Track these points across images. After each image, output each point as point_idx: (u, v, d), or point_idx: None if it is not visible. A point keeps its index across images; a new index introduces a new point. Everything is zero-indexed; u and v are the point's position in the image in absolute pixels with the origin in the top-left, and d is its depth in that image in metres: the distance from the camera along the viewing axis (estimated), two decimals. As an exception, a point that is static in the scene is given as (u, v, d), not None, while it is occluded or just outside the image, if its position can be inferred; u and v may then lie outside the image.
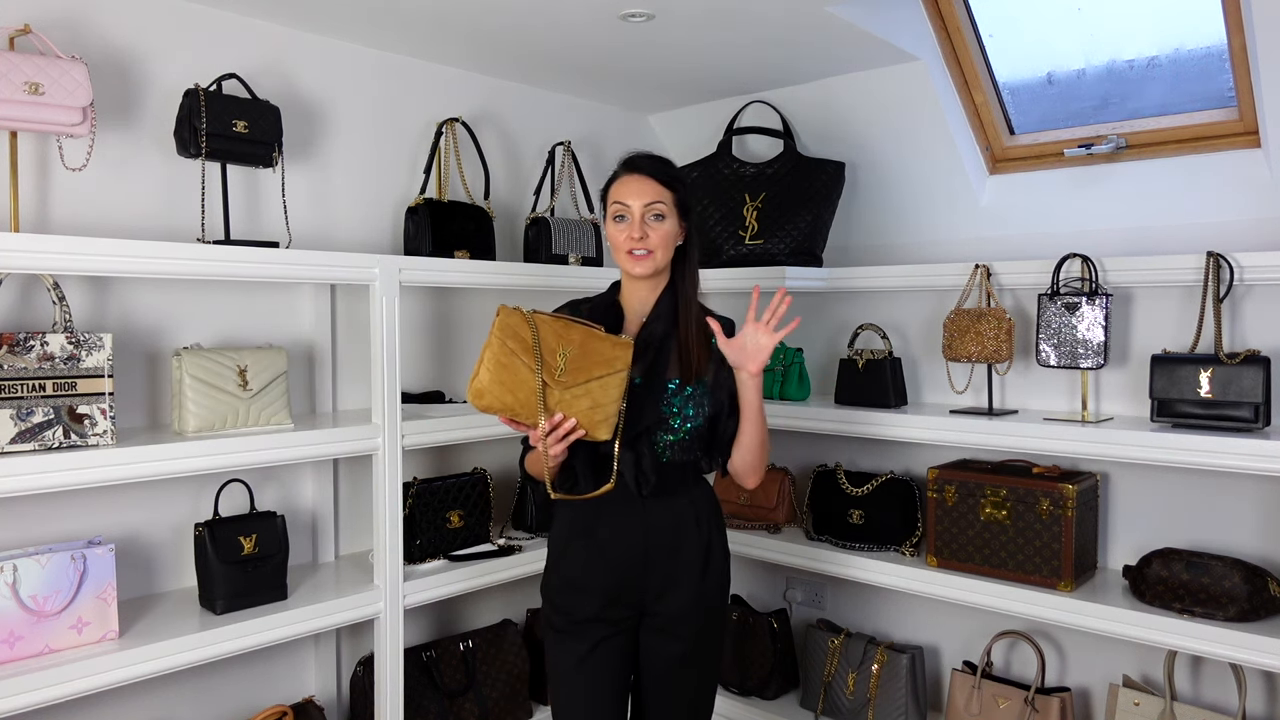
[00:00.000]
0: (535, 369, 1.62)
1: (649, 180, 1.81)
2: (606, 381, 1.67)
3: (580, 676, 1.81)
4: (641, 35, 2.42)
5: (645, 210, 1.78)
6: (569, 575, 1.83)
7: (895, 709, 2.57)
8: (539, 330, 1.65)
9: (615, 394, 1.67)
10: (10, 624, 1.77)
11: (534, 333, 1.64)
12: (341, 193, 2.51)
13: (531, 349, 1.63)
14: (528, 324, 1.65)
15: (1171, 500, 2.35)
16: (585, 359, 1.66)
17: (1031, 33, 2.55)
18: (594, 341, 1.68)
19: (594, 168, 3.08)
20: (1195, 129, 2.37)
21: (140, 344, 2.14)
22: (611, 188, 1.84)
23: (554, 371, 1.63)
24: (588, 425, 1.66)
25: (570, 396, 1.64)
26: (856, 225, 2.97)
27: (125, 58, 2.11)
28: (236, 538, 2.07)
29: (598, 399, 1.66)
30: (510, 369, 1.62)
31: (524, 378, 1.62)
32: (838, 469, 2.75)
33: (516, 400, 1.62)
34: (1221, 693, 2.28)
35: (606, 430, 1.68)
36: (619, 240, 1.80)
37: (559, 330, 1.67)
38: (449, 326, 2.78)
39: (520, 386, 1.62)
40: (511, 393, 1.62)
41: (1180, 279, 2.22)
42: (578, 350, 1.66)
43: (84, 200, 2.05)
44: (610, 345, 1.69)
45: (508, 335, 1.63)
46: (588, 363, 1.66)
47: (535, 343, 1.63)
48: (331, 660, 2.47)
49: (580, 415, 1.65)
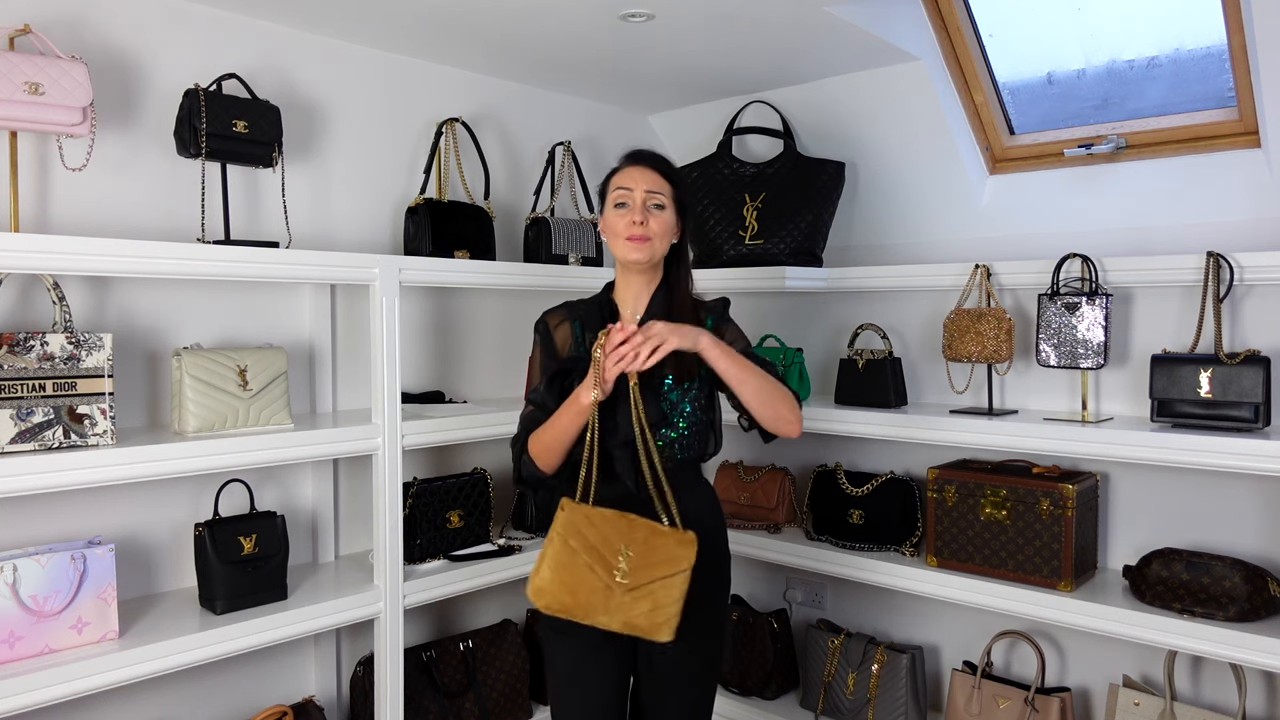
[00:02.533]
0: (597, 570, 1.60)
1: (651, 171, 1.82)
2: (670, 582, 1.61)
3: (579, 677, 1.81)
4: (641, 35, 2.42)
5: (647, 197, 1.79)
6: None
7: (895, 709, 2.57)
8: (602, 528, 1.62)
9: (677, 594, 1.61)
10: (10, 624, 1.77)
11: (596, 531, 1.62)
12: (341, 193, 2.51)
13: (593, 548, 1.61)
14: (591, 522, 1.63)
15: (1171, 500, 2.35)
16: (649, 558, 1.61)
17: (1031, 33, 2.55)
18: (657, 539, 1.63)
19: (594, 168, 3.08)
20: (1195, 129, 2.37)
21: (140, 344, 2.14)
22: (613, 177, 1.86)
23: (614, 573, 1.60)
24: (648, 628, 1.60)
25: (631, 599, 1.60)
26: (856, 225, 2.97)
27: (125, 58, 2.11)
28: (236, 538, 2.07)
29: (659, 600, 1.60)
30: (571, 569, 1.60)
31: (584, 578, 1.60)
32: (838, 469, 2.75)
33: (575, 601, 1.60)
34: (1221, 693, 2.28)
35: (668, 632, 1.60)
36: (618, 226, 1.79)
37: (622, 528, 1.63)
38: (449, 326, 2.78)
39: (580, 587, 1.60)
40: (571, 594, 1.60)
41: (1180, 279, 2.22)
42: (641, 549, 1.61)
43: (84, 200, 2.05)
44: (674, 543, 1.63)
45: (570, 534, 1.62)
46: (651, 562, 1.61)
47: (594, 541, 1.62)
48: (331, 660, 2.47)
49: (640, 618, 1.60)
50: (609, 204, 1.83)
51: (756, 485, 2.90)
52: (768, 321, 3.06)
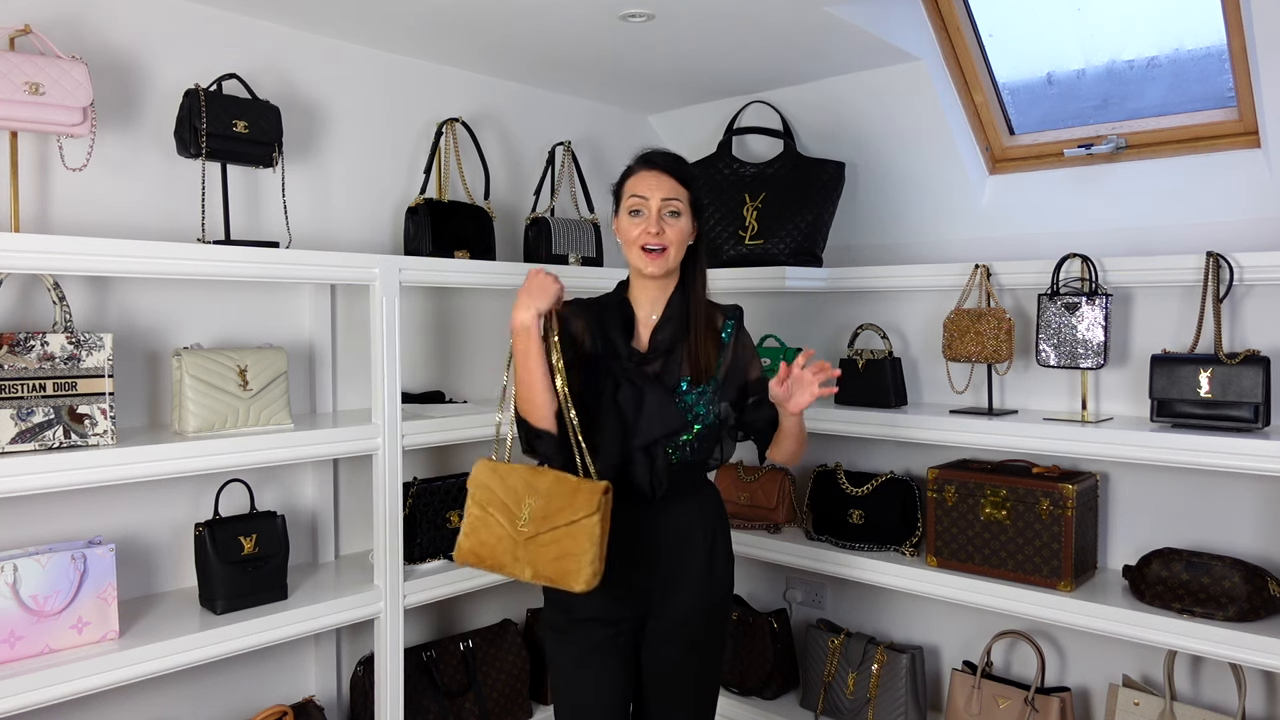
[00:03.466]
0: (502, 522, 1.66)
1: (667, 177, 1.80)
2: (573, 529, 1.61)
3: (581, 678, 1.81)
4: (641, 35, 2.42)
5: (663, 205, 1.77)
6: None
7: (895, 709, 2.57)
8: (507, 480, 1.67)
9: (585, 542, 1.60)
10: (10, 624, 1.77)
11: (501, 483, 1.67)
12: (341, 193, 2.51)
13: (499, 502, 1.67)
14: (500, 476, 1.68)
15: (1171, 500, 2.35)
16: (550, 505, 1.63)
17: (1031, 33, 2.55)
18: (560, 486, 1.65)
19: (594, 168, 3.08)
20: (1195, 129, 2.37)
21: (140, 344, 2.14)
22: (628, 181, 1.83)
23: (516, 522, 1.65)
24: (557, 576, 1.62)
25: (535, 547, 1.63)
26: (856, 225, 2.97)
27: (125, 58, 2.11)
28: (236, 538, 2.07)
29: (566, 548, 1.61)
30: (482, 523, 1.67)
31: (492, 530, 1.66)
32: (838, 469, 2.75)
33: (485, 553, 1.67)
34: (1221, 693, 2.28)
35: (581, 581, 1.60)
36: (633, 234, 1.77)
37: (528, 478, 1.67)
38: (449, 326, 2.78)
39: (488, 539, 1.67)
40: (482, 545, 1.67)
41: (1180, 279, 2.22)
42: (543, 500, 1.64)
43: (84, 200, 2.05)
44: (576, 490, 1.64)
45: (477, 489, 1.69)
46: (552, 509, 1.63)
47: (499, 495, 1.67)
48: (331, 660, 2.47)
49: (548, 566, 1.62)
50: (623, 209, 1.81)
51: (756, 485, 2.90)
52: (768, 321, 3.06)
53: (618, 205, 1.84)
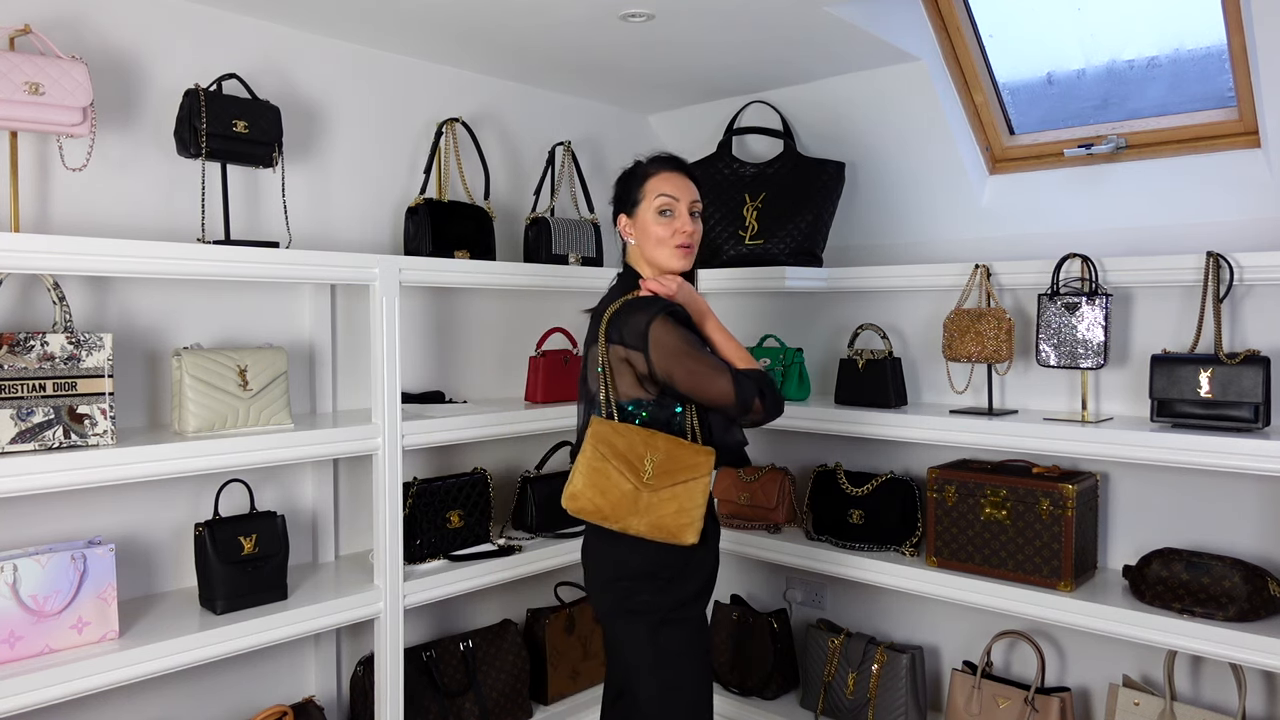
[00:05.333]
0: (625, 474, 1.75)
1: (690, 180, 1.91)
2: (691, 486, 1.76)
3: (701, 654, 1.89)
4: (641, 35, 2.42)
5: (691, 206, 1.88)
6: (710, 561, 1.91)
7: (895, 709, 2.57)
8: (626, 436, 1.77)
9: (699, 499, 1.76)
10: (10, 624, 1.77)
11: (625, 440, 1.77)
12: (341, 193, 2.51)
13: (622, 455, 1.75)
14: (618, 433, 1.77)
15: (1171, 500, 2.35)
16: (671, 464, 1.76)
17: (1031, 33, 2.55)
18: (678, 449, 1.78)
19: (594, 168, 3.08)
20: (1195, 129, 2.37)
21: (140, 344, 2.14)
22: (651, 181, 1.90)
23: (641, 476, 1.75)
24: (675, 529, 1.75)
25: (658, 500, 1.75)
26: (856, 225, 2.97)
27: (125, 58, 2.11)
28: (236, 538, 2.07)
29: (684, 503, 1.75)
30: (603, 474, 1.75)
31: (614, 481, 1.75)
32: (838, 469, 2.75)
33: (608, 503, 1.75)
34: (1221, 693, 2.28)
35: (693, 534, 1.76)
36: (665, 235, 1.86)
37: (645, 438, 1.77)
38: (449, 326, 2.78)
39: (611, 489, 1.75)
40: (604, 495, 1.75)
41: (1180, 279, 2.22)
42: (664, 456, 1.76)
43: (84, 200, 2.05)
44: (693, 453, 1.79)
45: (599, 442, 1.77)
46: (674, 467, 1.76)
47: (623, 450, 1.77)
48: (331, 660, 2.47)
49: (668, 519, 1.75)
50: (650, 209, 1.88)
51: (756, 485, 2.90)
52: (768, 321, 3.06)
53: (635, 204, 1.91)
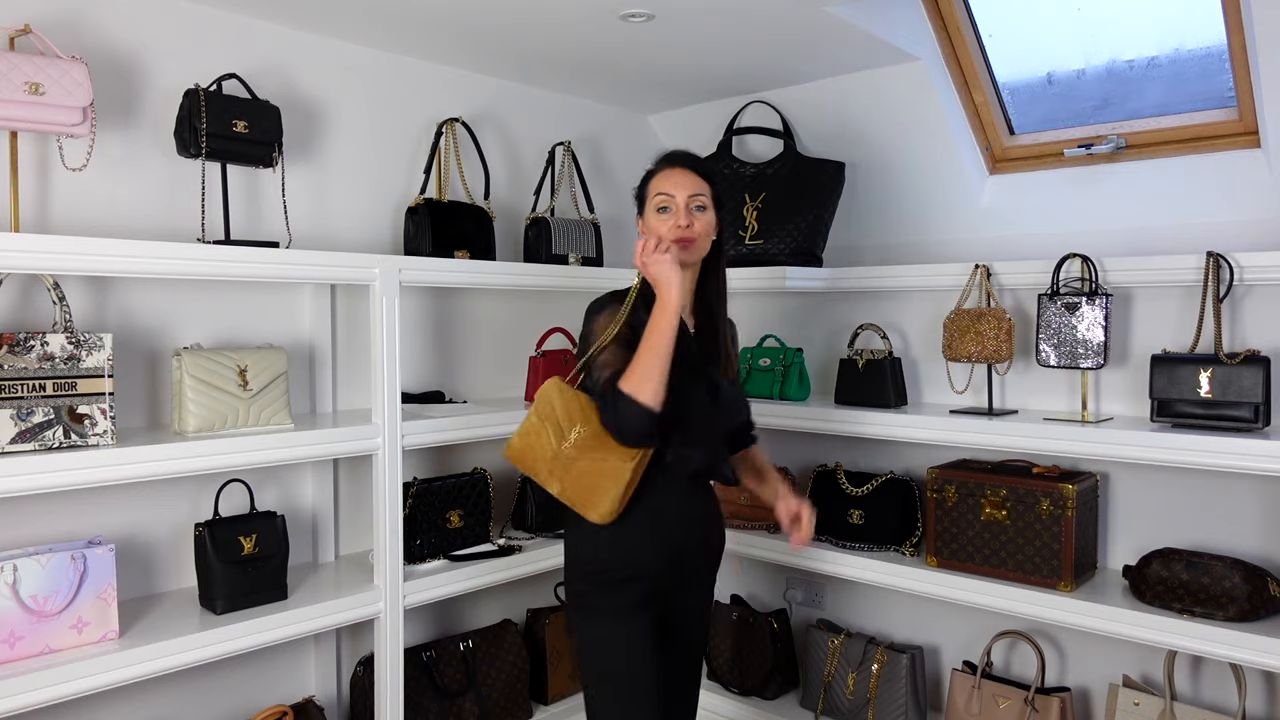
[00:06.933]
0: (552, 436, 1.78)
1: (690, 173, 1.87)
2: (606, 467, 1.75)
3: (641, 663, 1.84)
4: (641, 35, 2.42)
5: (689, 200, 1.84)
6: (624, 549, 1.83)
7: (895, 709, 2.57)
8: (569, 403, 1.78)
9: (611, 481, 1.75)
10: (10, 624, 1.77)
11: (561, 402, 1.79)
12: (341, 193, 2.51)
13: (554, 419, 1.78)
14: (563, 396, 1.79)
15: (1171, 500, 2.35)
16: (596, 443, 1.76)
17: (1031, 33, 2.55)
18: (608, 440, 1.77)
19: (594, 168, 3.08)
20: (1195, 129, 2.37)
21: (140, 344, 2.14)
22: (652, 181, 1.89)
23: (562, 442, 1.77)
24: (579, 500, 1.78)
25: (573, 468, 1.77)
26: (857, 225, 2.97)
27: (125, 58, 2.11)
28: (236, 538, 2.07)
29: (595, 481, 1.76)
30: (535, 432, 1.80)
31: (542, 439, 1.79)
32: (838, 469, 2.75)
33: (530, 459, 1.81)
34: (1221, 693, 2.28)
35: (596, 511, 1.76)
36: (663, 231, 1.83)
37: (586, 409, 1.78)
38: (449, 326, 2.78)
39: (535, 447, 1.80)
40: (530, 451, 1.81)
41: (1180, 279, 2.22)
42: (591, 435, 1.76)
43: (84, 200, 2.05)
44: (620, 456, 1.76)
45: (541, 401, 1.81)
46: (595, 444, 1.76)
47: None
48: (331, 660, 2.47)
49: (574, 487, 1.77)
50: (650, 209, 1.87)
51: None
52: (768, 321, 3.06)
53: (642, 207, 1.90)
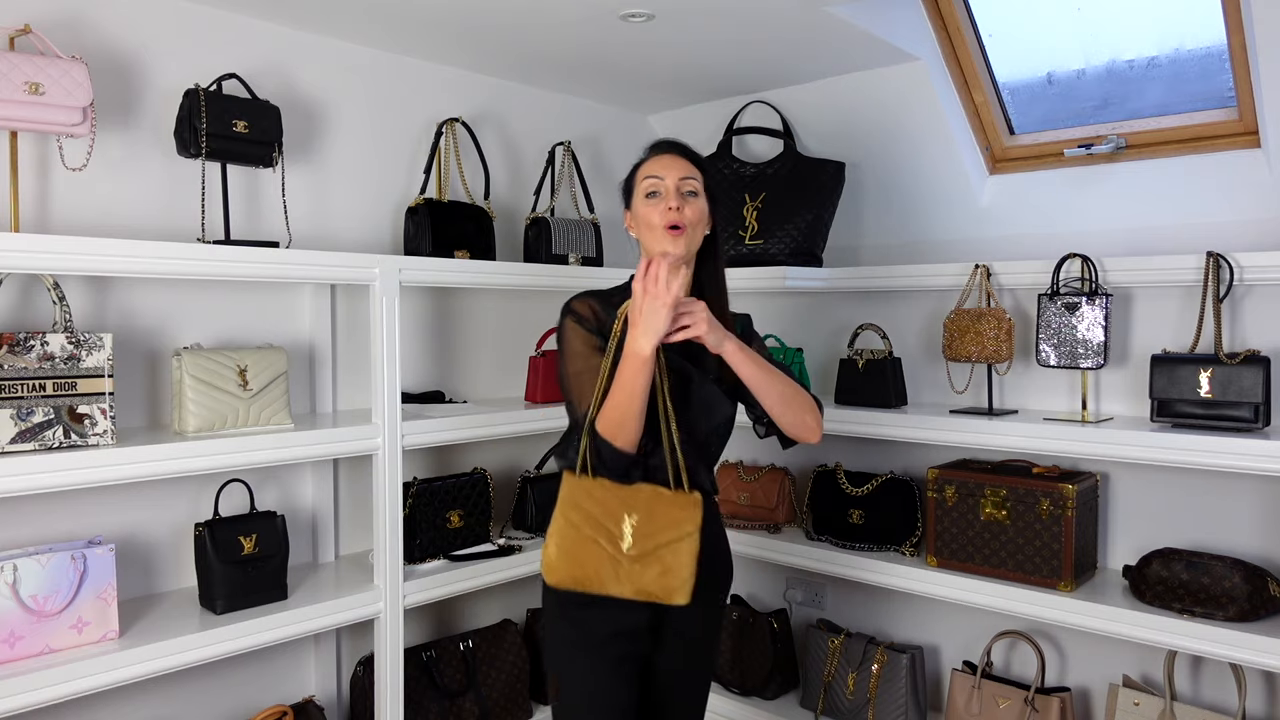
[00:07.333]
0: (601, 542, 1.59)
1: (680, 158, 1.75)
2: (678, 547, 1.58)
3: (604, 698, 1.72)
4: (641, 35, 2.42)
5: (680, 184, 1.70)
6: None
7: (895, 709, 2.57)
8: (598, 495, 1.60)
9: (686, 558, 1.58)
10: (10, 624, 1.77)
11: (595, 502, 1.60)
12: (341, 193, 2.51)
13: (595, 520, 1.59)
14: (590, 493, 1.61)
15: (1171, 500, 2.35)
16: (653, 524, 1.59)
17: (1031, 33, 2.55)
18: (660, 504, 1.61)
19: (594, 168, 3.08)
20: (1195, 129, 2.37)
21: (140, 344, 2.14)
22: (641, 167, 1.76)
23: (620, 544, 1.59)
24: (662, 593, 1.58)
25: (640, 568, 1.58)
26: (856, 225, 2.97)
27: (125, 58, 2.11)
28: (236, 538, 2.07)
29: (669, 565, 1.58)
30: (576, 542, 1.60)
31: (590, 551, 1.59)
32: (838, 469, 2.75)
33: (585, 574, 1.60)
34: (1221, 693, 2.28)
35: (683, 596, 1.58)
36: (653, 216, 1.69)
37: (624, 496, 1.61)
38: (449, 326, 2.78)
39: (587, 560, 1.59)
40: (580, 567, 1.60)
41: (1180, 279, 2.22)
42: (645, 514, 1.59)
43: (84, 200, 2.05)
44: (677, 506, 1.60)
45: (569, 508, 1.62)
46: (655, 528, 1.59)
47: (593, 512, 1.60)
48: (331, 660, 2.47)
49: (652, 584, 1.58)
50: (638, 195, 1.74)
51: (756, 485, 2.90)
52: (768, 321, 3.06)
53: (630, 197, 1.77)
